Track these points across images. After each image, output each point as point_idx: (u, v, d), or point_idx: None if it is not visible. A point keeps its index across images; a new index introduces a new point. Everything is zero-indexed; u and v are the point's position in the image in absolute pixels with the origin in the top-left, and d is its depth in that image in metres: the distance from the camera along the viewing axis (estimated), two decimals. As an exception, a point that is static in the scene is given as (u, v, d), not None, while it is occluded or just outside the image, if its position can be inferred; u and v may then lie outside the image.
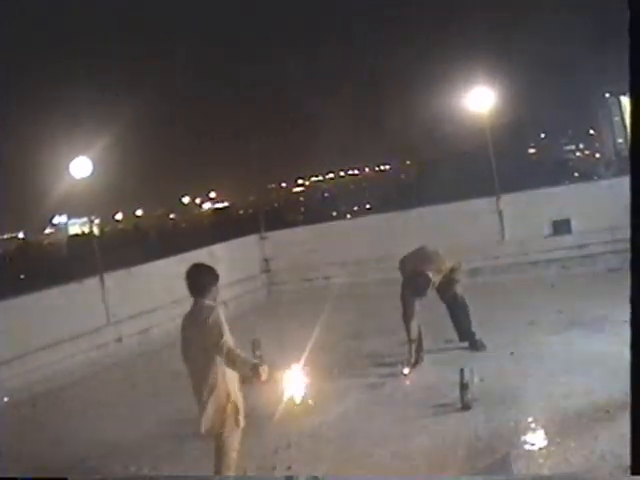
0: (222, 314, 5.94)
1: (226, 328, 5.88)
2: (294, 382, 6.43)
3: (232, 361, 5.82)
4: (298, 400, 6.35)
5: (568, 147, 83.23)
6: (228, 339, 5.83)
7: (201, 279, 6.17)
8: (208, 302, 6.04)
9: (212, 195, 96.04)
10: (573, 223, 14.84)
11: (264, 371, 5.79)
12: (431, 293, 10.03)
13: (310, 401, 6.41)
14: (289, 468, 7.06)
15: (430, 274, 9.78)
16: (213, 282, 6.20)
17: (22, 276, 47.52)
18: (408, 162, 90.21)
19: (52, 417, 10.81)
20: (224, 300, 15.88)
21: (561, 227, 14.96)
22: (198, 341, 5.88)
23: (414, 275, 9.81)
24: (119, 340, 14.13)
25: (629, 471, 2.87)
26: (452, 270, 10.17)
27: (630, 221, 2.66)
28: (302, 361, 6.80)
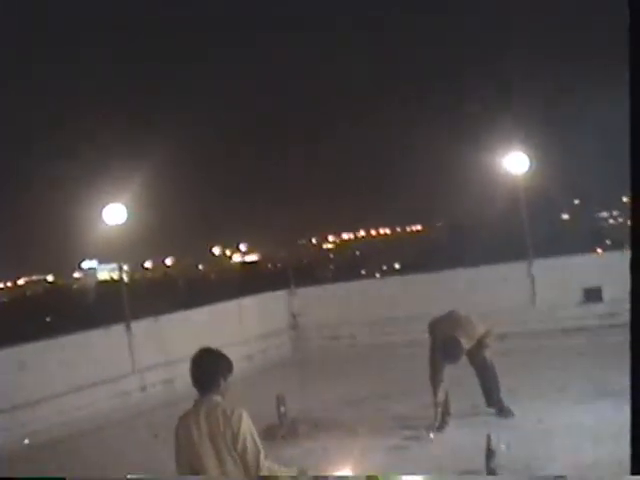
0: (249, 418, 4.91)
1: (257, 437, 4.89)
2: None
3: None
4: None
5: (601, 214, 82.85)
6: (263, 452, 4.84)
7: (214, 369, 5.02)
8: (220, 399, 4.96)
9: (242, 248, 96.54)
10: (604, 291, 14.72)
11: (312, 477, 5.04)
12: (458, 361, 9.95)
13: None
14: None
15: (462, 340, 9.70)
16: (227, 373, 5.06)
17: (48, 319, 47.75)
18: (439, 224, 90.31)
19: (71, 462, 10.75)
20: (250, 354, 15.99)
21: (592, 295, 14.85)
22: (217, 451, 4.81)
23: (446, 340, 9.71)
24: (143, 389, 14.09)
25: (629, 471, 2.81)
26: (483, 335, 10.07)
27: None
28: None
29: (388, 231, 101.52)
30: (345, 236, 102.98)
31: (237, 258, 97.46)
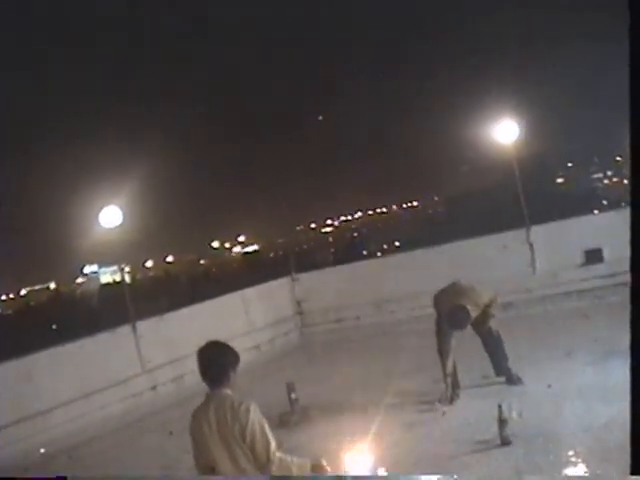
0: (258, 410, 4.87)
1: (267, 428, 4.84)
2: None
3: (286, 471, 4.76)
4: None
5: (596, 175, 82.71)
6: (273, 443, 4.80)
7: (221, 361, 4.97)
8: (230, 393, 4.91)
9: (241, 239, 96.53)
10: (604, 252, 14.69)
11: (327, 466, 4.91)
12: (466, 328, 9.98)
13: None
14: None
15: (469, 308, 9.73)
16: (235, 365, 5.00)
17: (54, 326, 47.75)
18: (436, 198, 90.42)
19: (88, 468, 10.79)
20: (258, 344, 16.03)
21: (593, 256, 14.82)
22: (227, 446, 4.78)
23: (453, 309, 9.75)
24: (154, 388, 14.12)
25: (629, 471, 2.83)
26: (488, 304, 10.10)
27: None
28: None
29: (385, 210, 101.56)
30: (343, 218, 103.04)
31: (237, 249, 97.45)
